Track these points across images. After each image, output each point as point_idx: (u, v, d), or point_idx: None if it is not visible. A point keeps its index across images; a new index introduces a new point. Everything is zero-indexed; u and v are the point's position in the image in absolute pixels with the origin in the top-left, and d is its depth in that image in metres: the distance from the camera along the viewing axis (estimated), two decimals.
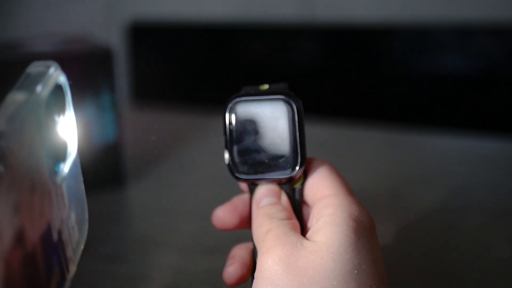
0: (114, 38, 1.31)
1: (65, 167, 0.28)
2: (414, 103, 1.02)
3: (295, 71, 1.12)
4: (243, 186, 0.36)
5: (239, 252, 0.35)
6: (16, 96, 0.24)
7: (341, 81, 1.08)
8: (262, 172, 0.33)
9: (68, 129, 0.29)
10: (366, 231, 0.30)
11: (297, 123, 0.33)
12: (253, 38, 1.16)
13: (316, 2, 1.13)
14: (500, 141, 0.74)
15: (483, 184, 0.60)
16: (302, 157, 0.33)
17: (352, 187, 0.34)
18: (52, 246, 0.26)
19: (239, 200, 0.36)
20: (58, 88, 0.27)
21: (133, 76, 1.28)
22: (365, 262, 0.29)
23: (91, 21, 1.38)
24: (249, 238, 0.36)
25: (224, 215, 0.36)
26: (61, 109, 0.28)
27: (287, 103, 0.33)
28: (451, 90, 0.99)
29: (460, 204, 0.54)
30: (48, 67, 0.27)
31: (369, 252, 0.29)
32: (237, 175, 0.33)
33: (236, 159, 0.33)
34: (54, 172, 0.27)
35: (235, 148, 0.33)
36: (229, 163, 0.33)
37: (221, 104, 0.34)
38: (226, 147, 0.33)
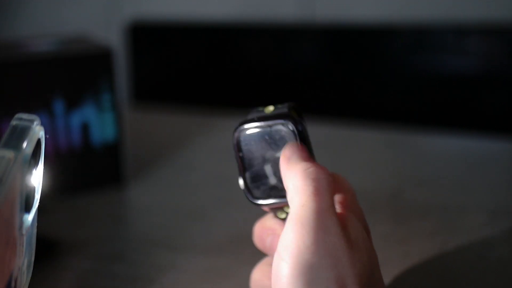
0: (114, 38, 1.31)
1: (29, 217, 0.29)
2: (414, 103, 1.02)
3: (295, 71, 1.12)
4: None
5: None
6: (6, 154, 0.25)
7: (341, 81, 1.08)
8: (275, 196, 0.33)
9: (37, 180, 0.29)
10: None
11: (302, 144, 0.33)
12: (253, 38, 1.16)
13: (316, 2, 1.13)
14: (500, 141, 0.74)
15: (483, 184, 0.60)
16: None
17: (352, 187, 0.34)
18: None
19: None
20: (38, 142, 0.28)
21: (133, 76, 1.27)
22: (370, 247, 0.30)
23: (91, 21, 1.38)
24: (246, 240, 0.36)
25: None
26: (37, 162, 0.29)
27: (289, 126, 0.33)
28: (451, 90, 0.99)
29: (460, 204, 0.54)
30: (32, 122, 0.27)
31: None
32: (252, 200, 0.34)
33: (249, 184, 0.34)
34: (22, 223, 0.28)
35: (247, 174, 0.34)
36: (244, 189, 0.34)
37: (221, 104, 0.35)
38: (240, 174, 0.34)
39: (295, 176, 0.30)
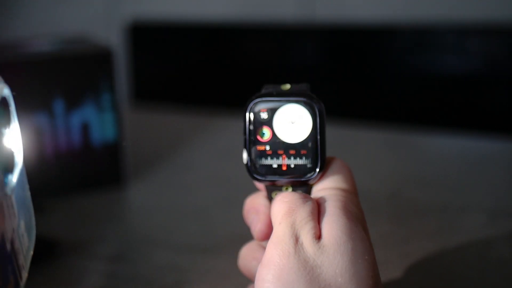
0: (114, 38, 1.31)
1: (13, 178, 0.29)
2: (414, 103, 1.02)
3: (295, 71, 1.12)
4: (260, 185, 0.36)
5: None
6: None
7: (341, 81, 1.08)
8: (281, 174, 0.33)
9: (14, 140, 0.29)
10: (359, 220, 0.31)
11: (318, 127, 0.32)
12: (253, 38, 1.16)
13: (316, 2, 1.13)
14: (500, 141, 0.74)
15: (483, 184, 0.60)
16: (322, 161, 0.32)
17: None
18: (6, 256, 0.26)
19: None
20: (3, 100, 0.28)
21: (133, 76, 1.27)
22: (367, 252, 0.29)
23: (91, 21, 1.38)
24: (246, 240, 0.36)
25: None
26: (7, 121, 0.29)
27: (309, 105, 0.32)
28: (451, 90, 0.99)
29: (460, 204, 0.54)
30: None
31: (365, 240, 0.30)
32: (255, 175, 0.33)
33: (254, 159, 0.33)
34: (4, 183, 0.28)
35: (253, 148, 0.33)
36: (247, 163, 0.33)
37: (221, 104, 0.34)
38: (245, 147, 0.33)
39: (273, 205, 0.32)
